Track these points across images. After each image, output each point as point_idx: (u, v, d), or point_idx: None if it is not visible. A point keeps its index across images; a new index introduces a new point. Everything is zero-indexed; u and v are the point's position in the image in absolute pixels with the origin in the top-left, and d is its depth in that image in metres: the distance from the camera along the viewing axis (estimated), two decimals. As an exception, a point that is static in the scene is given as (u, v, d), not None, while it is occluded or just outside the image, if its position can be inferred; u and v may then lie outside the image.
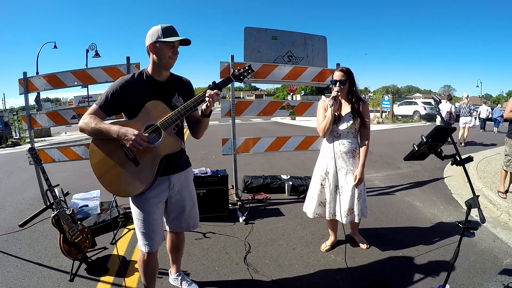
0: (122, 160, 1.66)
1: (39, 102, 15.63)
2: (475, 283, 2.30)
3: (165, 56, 1.68)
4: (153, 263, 1.94)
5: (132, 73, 1.76)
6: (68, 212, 2.49)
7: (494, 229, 3.24)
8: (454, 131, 1.79)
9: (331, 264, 2.59)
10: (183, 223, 2.02)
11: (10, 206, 4.23)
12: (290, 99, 11.19)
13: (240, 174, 4.48)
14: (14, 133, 15.60)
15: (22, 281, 2.38)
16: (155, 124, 1.67)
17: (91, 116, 1.64)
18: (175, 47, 1.70)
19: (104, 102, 1.68)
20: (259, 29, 4.27)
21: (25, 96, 3.89)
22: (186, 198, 1.96)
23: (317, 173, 2.67)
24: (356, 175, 2.47)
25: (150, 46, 1.68)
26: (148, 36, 1.69)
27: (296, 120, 19.00)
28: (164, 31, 1.66)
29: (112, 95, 1.68)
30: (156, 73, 1.76)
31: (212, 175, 3.59)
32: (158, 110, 1.69)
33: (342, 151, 2.53)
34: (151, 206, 1.78)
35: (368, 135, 2.53)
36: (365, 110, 2.53)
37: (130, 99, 1.69)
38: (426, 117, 19.11)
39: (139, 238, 1.84)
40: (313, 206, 2.67)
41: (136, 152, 1.65)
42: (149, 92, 1.73)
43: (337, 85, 2.46)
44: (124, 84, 1.69)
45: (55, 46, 17.12)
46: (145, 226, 1.79)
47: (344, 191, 2.54)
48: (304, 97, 47.83)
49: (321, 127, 2.53)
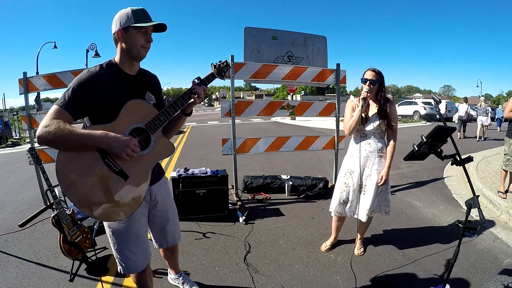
0: (106, 176, 1.34)
1: (39, 102, 15.60)
2: (475, 283, 2.30)
3: (137, 45, 1.42)
4: (148, 276, 1.79)
5: (99, 65, 1.44)
6: (68, 212, 2.48)
7: (494, 229, 3.24)
8: (454, 131, 1.80)
9: (331, 264, 2.59)
10: (168, 237, 1.84)
11: (10, 206, 4.23)
12: (290, 99, 11.18)
13: (240, 174, 4.47)
14: (14, 133, 15.58)
15: (22, 281, 2.38)
16: (141, 127, 1.42)
17: (57, 121, 1.25)
18: (148, 33, 1.43)
19: (71, 101, 1.31)
20: (259, 29, 4.27)
21: (25, 96, 3.89)
22: (170, 209, 1.81)
23: (342, 172, 2.66)
24: (382, 176, 2.46)
25: (119, 33, 1.40)
26: (116, 20, 1.40)
27: (296, 120, 18.98)
28: (135, 15, 1.38)
29: (82, 92, 1.33)
30: (126, 66, 1.49)
31: (212, 175, 3.59)
32: (141, 110, 1.44)
33: (368, 150, 2.51)
34: (134, 223, 1.56)
35: (395, 137, 2.50)
36: (392, 112, 2.49)
37: (103, 97, 1.37)
38: (426, 117, 19.12)
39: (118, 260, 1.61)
40: (335, 204, 2.66)
41: (123, 163, 1.36)
42: (122, 88, 1.44)
43: (366, 85, 2.42)
44: (95, 78, 1.37)
45: (55, 46, 17.09)
46: (127, 244, 1.57)
47: (367, 190, 2.53)
48: (304, 97, 47.82)
49: (347, 126, 2.51)
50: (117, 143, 1.30)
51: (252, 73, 4.07)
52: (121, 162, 1.35)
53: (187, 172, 3.60)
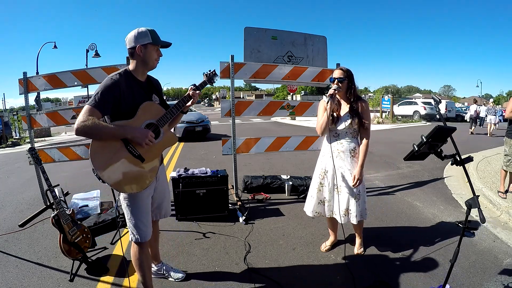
0: (128, 158, 1.76)
1: (39, 102, 15.63)
2: (475, 283, 2.30)
3: (153, 58, 1.84)
4: (148, 253, 2.05)
5: (118, 73, 1.80)
6: (68, 212, 2.49)
7: (494, 229, 3.24)
8: (454, 131, 1.79)
9: (331, 264, 2.59)
10: (162, 211, 2.18)
11: (10, 206, 4.23)
12: (290, 99, 11.19)
13: (240, 174, 4.48)
14: (14, 133, 15.58)
15: (22, 281, 2.38)
16: (154, 122, 1.84)
17: (93, 118, 1.63)
18: (159, 50, 1.87)
19: (100, 102, 1.68)
20: (259, 29, 4.27)
21: (25, 96, 3.89)
22: (165, 188, 2.17)
23: (316, 172, 2.67)
24: (354, 176, 2.43)
25: (139, 49, 1.78)
26: (135, 38, 1.78)
27: (296, 120, 19.00)
28: (152, 34, 1.79)
29: (108, 94, 1.70)
30: (139, 74, 1.88)
31: (212, 175, 3.59)
32: (152, 110, 1.86)
33: (340, 150, 2.52)
34: (145, 198, 1.91)
35: (368, 135, 2.50)
36: (364, 110, 2.49)
37: (123, 99, 1.75)
38: (426, 117, 19.12)
39: (134, 231, 1.90)
40: (312, 204, 2.66)
41: (140, 149, 1.78)
42: (136, 92, 1.83)
43: (335, 83, 2.45)
44: (117, 84, 1.74)
45: (55, 46, 17.12)
46: (142, 217, 1.89)
47: (342, 190, 2.52)
48: (304, 97, 47.76)
49: (318, 125, 2.55)
50: (140, 134, 1.72)
51: (252, 73, 4.07)
52: (139, 149, 1.77)
53: (187, 172, 3.60)
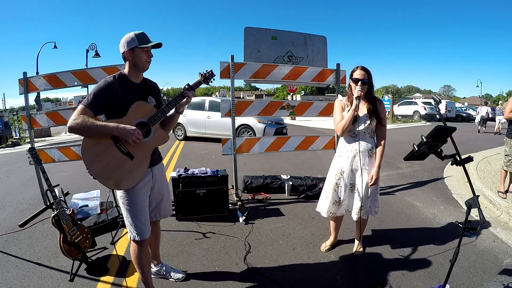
0: (117, 156, 1.80)
1: (39, 102, 15.63)
2: (475, 283, 2.30)
3: (142, 61, 1.89)
4: (147, 251, 2.07)
5: (113, 76, 1.89)
6: (68, 212, 2.49)
7: (494, 229, 3.24)
8: (454, 131, 1.79)
9: (331, 264, 2.59)
10: (162, 211, 2.19)
11: (10, 206, 4.23)
12: (290, 99, 11.19)
13: (240, 174, 4.48)
14: (14, 133, 15.57)
15: (22, 281, 2.38)
16: (144, 121, 1.87)
17: (83, 116, 1.71)
18: (149, 51, 1.91)
19: (93, 102, 1.76)
20: (259, 29, 4.27)
21: (25, 96, 3.88)
22: (164, 187, 2.16)
23: (332, 172, 2.65)
24: (372, 175, 2.45)
25: (127, 53, 1.86)
26: (124, 43, 1.86)
27: (296, 120, 19.00)
28: (138, 37, 1.85)
29: (100, 95, 1.79)
30: (133, 76, 1.95)
31: (212, 175, 3.58)
32: (144, 109, 1.90)
33: (359, 150, 2.51)
34: (141, 196, 1.94)
35: (385, 134, 2.52)
36: (381, 109, 2.52)
37: (116, 100, 1.83)
38: (426, 117, 19.13)
39: (132, 229, 1.93)
40: (327, 205, 2.64)
41: (130, 147, 1.81)
42: (130, 93, 1.90)
43: (359, 84, 2.41)
44: (110, 86, 1.82)
45: (55, 46, 17.11)
46: (138, 215, 1.92)
47: (358, 189, 2.52)
48: (304, 97, 47.74)
49: (339, 126, 2.48)
50: (126, 132, 1.75)
51: (252, 73, 4.07)
52: (129, 146, 1.81)
53: (187, 172, 3.60)
